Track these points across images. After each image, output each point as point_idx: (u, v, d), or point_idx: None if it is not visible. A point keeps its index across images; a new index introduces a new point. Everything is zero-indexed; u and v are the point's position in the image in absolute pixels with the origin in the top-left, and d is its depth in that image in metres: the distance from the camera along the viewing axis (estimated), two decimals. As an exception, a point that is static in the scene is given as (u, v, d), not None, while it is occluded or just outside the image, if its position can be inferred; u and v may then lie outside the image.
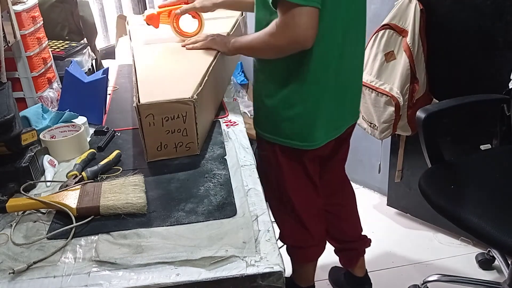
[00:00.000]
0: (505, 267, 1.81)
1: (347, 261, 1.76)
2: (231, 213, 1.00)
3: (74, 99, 1.44)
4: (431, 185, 1.49)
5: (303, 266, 1.63)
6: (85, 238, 0.95)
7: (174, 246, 0.91)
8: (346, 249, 1.73)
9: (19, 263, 0.88)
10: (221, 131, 1.37)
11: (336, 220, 1.67)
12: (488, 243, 1.38)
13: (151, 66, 1.44)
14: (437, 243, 2.14)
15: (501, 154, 1.68)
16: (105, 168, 1.17)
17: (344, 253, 1.74)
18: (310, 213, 1.49)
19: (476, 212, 1.35)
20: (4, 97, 1.20)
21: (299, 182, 1.43)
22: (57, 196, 1.04)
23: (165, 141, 1.20)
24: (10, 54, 1.44)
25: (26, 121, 1.31)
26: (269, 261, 0.86)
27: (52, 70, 1.61)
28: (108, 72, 1.55)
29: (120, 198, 1.02)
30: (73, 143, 1.26)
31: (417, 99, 1.91)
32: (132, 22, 1.96)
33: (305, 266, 1.63)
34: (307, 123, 1.31)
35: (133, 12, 2.87)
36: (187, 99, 1.16)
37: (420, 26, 1.82)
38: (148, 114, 1.15)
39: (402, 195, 2.29)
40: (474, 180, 1.51)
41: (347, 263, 1.76)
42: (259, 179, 1.14)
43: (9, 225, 1.00)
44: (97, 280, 0.84)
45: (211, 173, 1.15)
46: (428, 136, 1.56)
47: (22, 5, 1.45)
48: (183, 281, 0.83)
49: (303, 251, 1.56)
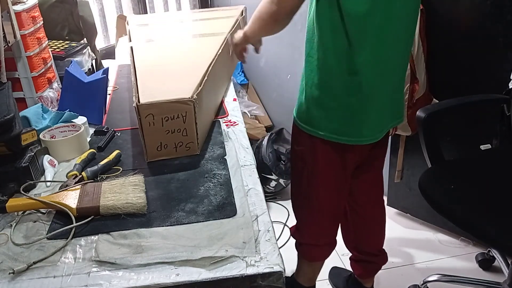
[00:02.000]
0: (505, 267, 1.81)
1: (363, 273, 1.71)
2: (231, 213, 0.99)
3: (74, 99, 1.44)
4: (431, 185, 1.49)
5: (311, 265, 1.60)
6: (85, 238, 0.95)
7: (174, 246, 0.90)
8: (365, 261, 1.68)
9: (19, 263, 0.88)
10: (221, 131, 1.37)
11: (363, 230, 1.64)
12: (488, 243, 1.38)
13: (151, 66, 1.44)
14: (437, 243, 2.14)
15: (501, 154, 1.68)
16: (105, 168, 1.17)
17: (362, 264, 1.70)
18: (332, 213, 1.47)
19: (476, 212, 1.35)
20: (4, 97, 1.20)
21: (333, 179, 1.39)
22: (57, 196, 1.04)
23: (165, 141, 1.20)
24: (10, 54, 1.44)
25: (26, 121, 1.31)
26: (269, 261, 0.86)
27: (52, 70, 1.61)
28: (108, 72, 1.55)
29: (120, 198, 1.02)
30: (73, 143, 1.26)
31: (417, 99, 1.91)
32: (132, 22, 1.96)
33: (312, 265, 1.60)
34: (356, 117, 1.26)
35: (133, 12, 2.87)
36: (187, 99, 1.16)
37: (420, 26, 1.82)
38: (148, 114, 1.15)
39: (402, 195, 2.29)
40: (474, 180, 1.51)
41: (363, 274, 1.71)
42: (259, 179, 1.14)
43: (9, 225, 1.00)
44: (97, 280, 0.84)
45: (211, 173, 1.15)
46: (428, 136, 1.56)
47: (22, 5, 1.45)
48: (183, 281, 0.83)
49: (316, 249, 1.54)
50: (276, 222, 2.32)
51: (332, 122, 1.28)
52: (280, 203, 2.52)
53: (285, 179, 2.52)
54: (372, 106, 1.26)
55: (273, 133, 2.58)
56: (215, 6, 3.05)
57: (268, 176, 2.47)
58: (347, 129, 1.28)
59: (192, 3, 3.11)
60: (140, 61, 1.48)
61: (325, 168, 1.37)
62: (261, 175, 2.32)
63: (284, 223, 2.34)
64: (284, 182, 2.52)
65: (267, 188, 2.51)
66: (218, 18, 1.83)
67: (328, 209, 1.46)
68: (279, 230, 2.28)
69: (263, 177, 2.45)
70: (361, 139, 1.29)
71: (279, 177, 2.48)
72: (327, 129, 1.29)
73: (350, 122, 1.27)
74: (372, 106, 1.26)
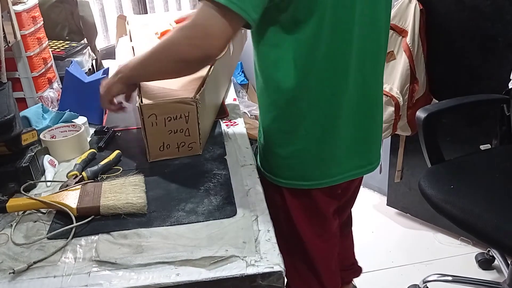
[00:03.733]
0: (504, 267, 1.82)
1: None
2: (231, 213, 1.00)
3: (74, 99, 1.45)
4: (431, 185, 1.49)
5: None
6: (85, 238, 0.95)
7: (174, 246, 0.91)
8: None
9: (19, 263, 0.88)
10: (221, 131, 1.37)
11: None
12: (487, 243, 1.38)
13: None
14: (437, 243, 2.14)
15: (501, 154, 1.68)
16: (105, 168, 1.17)
17: None
18: (327, 264, 1.28)
19: (476, 212, 1.35)
20: (4, 97, 1.20)
21: (313, 225, 1.22)
22: (57, 196, 1.04)
23: (168, 141, 1.20)
24: (11, 54, 1.44)
25: (26, 121, 1.31)
26: (269, 261, 0.86)
27: (52, 70, 1.61)
28: (108, 72, 1.55)
29: (120, 198, 1.02)
30: (74, 143, 1.26)
31: (417, 99, 1.91)
32: (132, 22, 1.96)
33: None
34: (313, 159, 1.12)
35: (133, 12, 2.87)
36: (189, 99, 1.16)
37: (420, 26, 1.82)
38: (151, 114, 1.15)
39: (402, 195, 2.29)
40: (474, 180, 1.51)
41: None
42: (259, 179, 1.14)
43: (9, 225, 1.00)
44: (97, 280, 0.84)
45: (211, 173, 1.15)
46: (428, 136, 1.56)
47: (22, 5, 1.45)
48: (183, 281, 0.83)
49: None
50: (276, 222, 2.32)
51: (288, 167, 1.14)
52: (280, 203, 2.52)
53: (285, 179, 2.51)
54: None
55: (273, 133, 2.58)
56: (215, 6, 3.05)
57: (268, 176, 2.47)
58: (304, 172, 1.14)
59: (192, 3, 3.11)
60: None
61: (301, 216, 1.19)
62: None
63: (284, 223, 2.33)
64: (284, 182, 2.52)
65: (267, 188, 2.51)
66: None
67: (322, 260, 1.26)
68: (279, 230, 2.27)
69: (263, 177, 2.44)
70: (324, 181, 1.14)
71: (279, 177, 2.48)
72: (283, 175, 1.15)
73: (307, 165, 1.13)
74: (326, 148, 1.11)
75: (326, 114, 1.07)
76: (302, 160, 1.12)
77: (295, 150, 1.11)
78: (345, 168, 1.16)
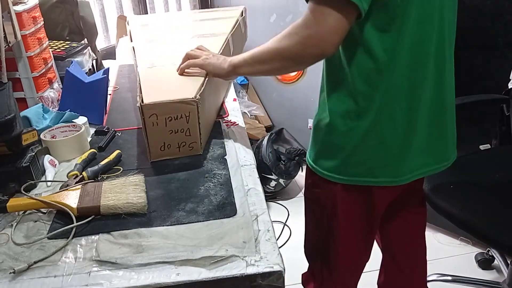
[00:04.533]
0: (504, 267, 1.82)
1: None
2: (231, 213, 1.00)
3: (74, 99, 1.45)
4: (431, 185, 1.49)
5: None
6: (85, 237, 0.95)
7: (175, 245, 0.91)
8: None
9: (20, 263, 0.88)
10: (221, 131, 1.37)
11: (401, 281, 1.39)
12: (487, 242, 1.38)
13: (153, 66, 1.45)
14: (436, 243, 2.14)
15: (501, 154, 1.68)
16: (106, 168, 1.18)
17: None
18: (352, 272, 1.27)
19: (475, 212, 1.35)
20: (4, 97, 1.20)
21: (356, 232, 1.18)
22: (57, 196, 1.04)
23: (168, 141, 1.20)
24: (11, 54, 1.44)
25: (26, 121, 1.31)
26: (269, 260, 0.86)
27: (52, 70, 1.62)
28: (108, 72, 1.55)
29: (120, 198, 1.02)
30: (74, 143, 1.27)
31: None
32: (132, 22, 1.96)
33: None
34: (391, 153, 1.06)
35: (133, 13, 2.87)
36: (190, 99, 1.16)
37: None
38: (152, 114, 1.16)
39: (402, 195, 2.29)
40: (473, 180, 1.51)
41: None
42: (259, 179, 1.14)
43: (9, 225, 1.00)
44: (98, 279, 0.84)
45: (211, 173, 1.15)
46: (428, 136, 1.56)
47: (22, 6, 1.45)
48: (183, 281, 0.83)
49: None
50: (276, 222, 2.33)
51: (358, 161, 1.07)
52: (280, 203, 2.52)
53: (285, 179, 2.52)
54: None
55: (273, 133, 2.58)
56: (215, 6, 3.06)
57: (268, 176, 2.47)
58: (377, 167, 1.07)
59: (192, 3, 3.11)
60: (142, 61, 1.49)
61: (348, 219, 1.15)
62: (261, 175, 2.32)
63: (284, 223, 2.34)
64: (284, 182, 2.53)
65: (267, 188, 2.52)
66: (219, 18, 1.84)
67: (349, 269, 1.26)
68: (279, 230, 2.28)
69: (263, 177, 2.45)
70: (396, 180, 1.08)
71: (279, 177, 2.49)
72: (349, 172, 1.09)
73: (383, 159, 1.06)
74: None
75: (404, 107, 1.03)
76: (375, 155, 1.05)
77: (369, 144, 1.05)
78: (416, 164, 1.10)
